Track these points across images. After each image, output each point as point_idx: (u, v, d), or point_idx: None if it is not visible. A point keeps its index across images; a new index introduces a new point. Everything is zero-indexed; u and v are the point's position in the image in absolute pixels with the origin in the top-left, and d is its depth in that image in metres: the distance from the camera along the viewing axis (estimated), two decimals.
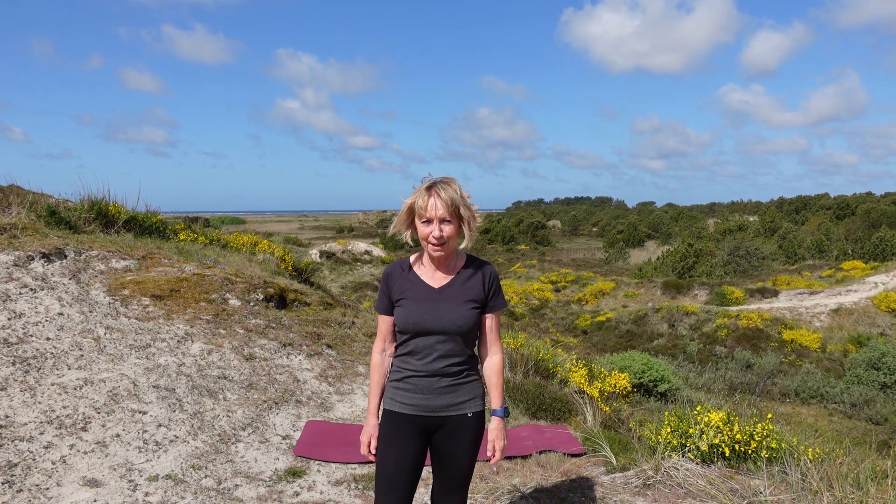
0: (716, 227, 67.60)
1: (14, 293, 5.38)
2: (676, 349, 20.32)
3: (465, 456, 2.36)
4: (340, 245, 40.17)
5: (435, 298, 2.30)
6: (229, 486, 3.60)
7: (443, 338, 2.28)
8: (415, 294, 2.31)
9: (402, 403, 2.33)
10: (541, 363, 6.51)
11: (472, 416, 2.36)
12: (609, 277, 35.43)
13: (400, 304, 2.32)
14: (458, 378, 2.33)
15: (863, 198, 77.82)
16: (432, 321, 2.26)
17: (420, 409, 2.31)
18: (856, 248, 44.31)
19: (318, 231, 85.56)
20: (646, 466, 3.91)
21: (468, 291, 2.33)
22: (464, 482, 2.41)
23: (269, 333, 5.94)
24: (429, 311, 2.28)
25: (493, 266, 2.45)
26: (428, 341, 2.28)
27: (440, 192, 2.21)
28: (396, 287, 2.34)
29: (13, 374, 4.31)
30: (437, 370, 2.30)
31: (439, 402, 2.31)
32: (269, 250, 9.96)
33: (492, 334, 2.40)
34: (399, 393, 2.34)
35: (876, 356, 16.46)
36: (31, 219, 7.16)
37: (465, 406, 2.35)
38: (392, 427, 2.33)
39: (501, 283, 2.49)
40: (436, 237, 2.22)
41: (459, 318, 2.28)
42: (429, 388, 2.30)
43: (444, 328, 2.27)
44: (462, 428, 2.34)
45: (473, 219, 2.27)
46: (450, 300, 2.30)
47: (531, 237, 75.13)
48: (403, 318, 2.29)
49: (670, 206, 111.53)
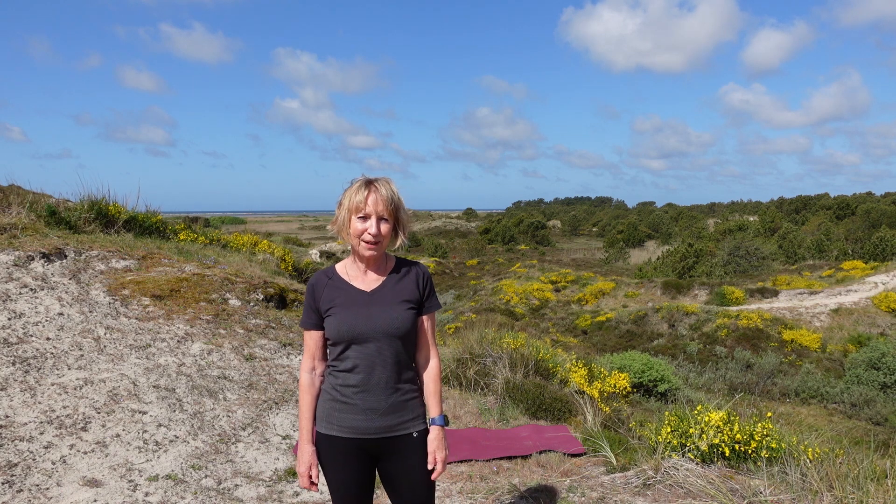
0: (716, 227, 67.61)
1: (14, 293, 5.38)
2: (676, 349, 20.32)
3: (420, 479, 2.20)
4: (340, 245, 40.16)
5: (367, 302, 2.15)
6: (229, 486, 3.60)
7: (380, 345, 2.12)
8: (345, 300, 2.15)
9: (340, 426, 2.14)
10: (541, 363, 6.51)
11: (419, 436, 2.20)
12: (609, 277, 35.43)
13: (330, 313, 2.15)
14: (401, 395, 2.18)
15: (863, 198, 77.84)
16: (367, 325, 2.11)
17: (360, 431, 2.14)
18: (856, 248, 44.30)
19: (318, 231, 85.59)
20: (646, 466, 3.91)
21: (402, 292, 2.19)
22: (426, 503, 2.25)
23: (269, 333, 5.94)
24: (362, 315, 2.12)
25: (426, 267, 2.33)
26: (365, 350, 2.12)
27: (380, 188, 2.10)
28: (324, 297, 2.17)
29: (13, 374, 4.31)
30: (378, 383, 2.13)
31: (382, 423, 2.15)
32: (269, 250, 9.96)
33: (429, 336, 2.26)
34: (336, 415, 2.15)
35: (876, 356, 16.46)
36: (31, 219, 7.16)
37: (409, 425, 2.19)
38: (331, 452, 2.17)
39: (502, 283, 2.42)
40: (372, 234, 2.08)
41: (396, 320, 2.13)
42: (370, 407, 2.13)
43: (381, 332, 2.11)
44: (409, 450, 2.18)
45: (408, 222, 2.20)
46: (383, 302, 2.15)
47: (531, 237, 75.14)
48: (336, 327, 2.12)
49: (670, 206, 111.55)
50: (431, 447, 2.21)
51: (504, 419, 5.24)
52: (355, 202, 2.09)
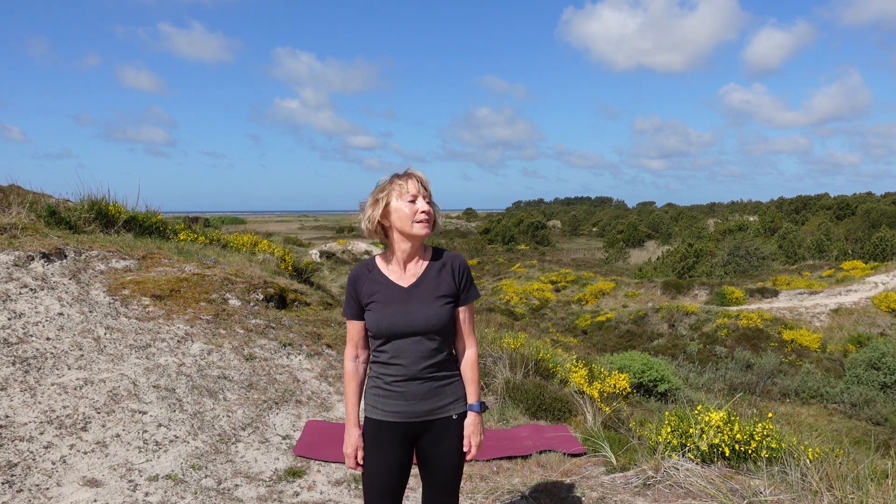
0: (716, 227, 67.60)
1: (14, 293, 5.38)
2: (676, 349, 20.31)
3: (453, 459, 2.31)
4: (340, 245, 40.18)
5: (405, 298, 2.23)
6: (229, 486, 3.60)
7: (419, 338, 2.21)
8: (384, 296, 2.23)
9: (385, 411, 2.26)
10: (541, 363, 6.51)
11: (458, 418, 2.31)
12: (609, 277, 35.42)
13: (370, 307, 2.24)
14: (441, 380, 2.27)
15: (863, 198, 77.83)
16: (405, 322, 2.19)
17: (404, 415, 2.25)
18: (856, 248, 44.29)
19: (318, 231, 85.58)
20: (646, 466, 3.91)
21: (439, 286, 2.26)
22: (453, 486, 2.35)
23: (269, 333, 5.94)
24: (400, 312, 2.20)
25: (460, 255, 2.39)
26: (405, 344, 2.21)
27: (415, 174, 2.24)
28: (364, 290, 2.26)
29: (13, 374, 4.31)
30: (418, 373, 2.23)
31: (423, 407, 2.25)
32: (269, 250, 9.96)
33: (466, 327, 2.34)
34: (380, 400, 2.27)
35: (876, 356, 16.46)
36: (31, 219, 7.16)
37: (450, 408, 2.30)
38: (376, 435, 2.28)
39: (501, 283, 2.48)
40: (424, 210, 2.19)
41: (433, 317, 2.21)
42: (412, 393, 2.24)
43: (419, 328, 2.20)
44: (448, 431, 2.29)
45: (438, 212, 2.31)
46: (421, 298, 2.23)
47: (531, 237, 75.13)
48: (375, 323, 2.22)
49: (670, 206, 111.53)
50: (467, 431, 2.32)
51: (504, 419, 5.24)
52: (399, 189, 2.21)
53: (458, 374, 2.36)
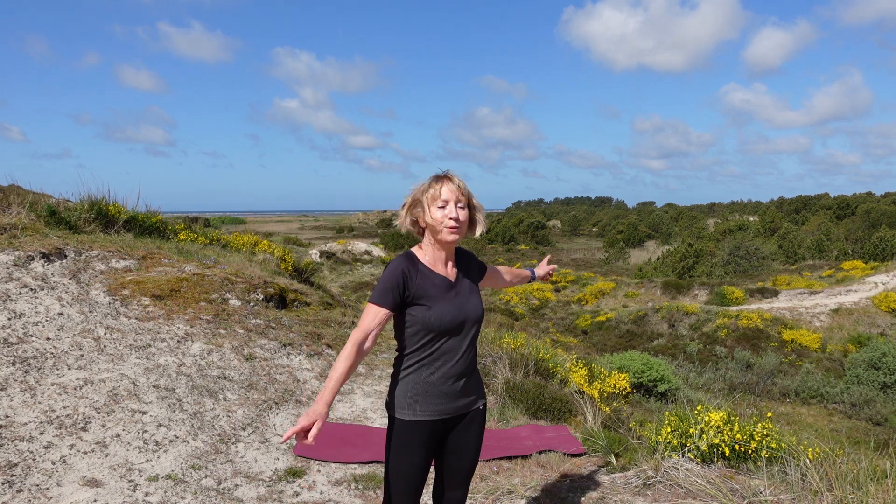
0: (716, 227, 67.58)
1: (14, 293, 5.38)
2: (676, 349, 20.31)
3: (474, 449, 2.40)
4: (340, 245, 40.17)
5: (456, 292, 2.28)
6: (229, 486, 3.60)
7: (468, 332, 2.28)
8: (436, 292, 2.22)
9: (423, 411, 2.24)
10: (541, 363, 6.51)
11: (482, 409, 2.41)
12: (609, 277, 35.42)
13: (422, 302, 2.19)
14: (474, 374, 2.37)
15: (863, 198, 77.81)
16: (462, 316, 2.24)
17: (441, 412, 2.28)
18: (856, 248, 44.28)
19: (318, 231, 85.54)
20: (646, 466, 3.91)
21: (473, 280, 2.39)
22: (469, 475, 2.43)
23: (269, 333, 5.94)
24: (455, 305, 2.24)
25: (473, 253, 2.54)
26: (456, 338, 2.25)
27: (452, 179, 2.24)
28: (416, 284, 2.19)
29: (13, 374, 4.31)
30: (462, 370, 2.28)
31: (461, 402, 2.33)
32: (269, 250, 9.96)
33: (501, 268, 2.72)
34: (419, 400, 2.24)
35: (876, 356, 16.45)
36: (31, 219, 7.16)
37: (478, 400, 2.39)
38: (409, 437, 2.25)
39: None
40: (453, 217, 2.20)
41: (479, 308, 2.30)
42: (454, 391, 2.28)
43: (472, 320, 2.27)
44: (472, 422, 2.37)
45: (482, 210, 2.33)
46: (465, 292, 2.30)
47: (531, 237, 75.11)
48: (437, 319, 2.18)
49: (670, 206, 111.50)
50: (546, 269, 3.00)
51: (504, 419, 5.24)
52: (432, 193, 2.22)
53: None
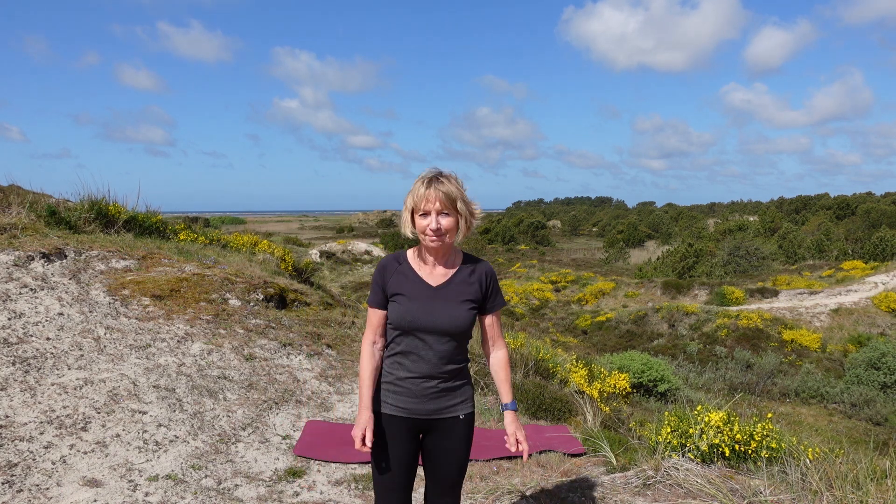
0: (716, 227, 67.59)
1: (14, 293, 5.38)
2: (676, 349, 20.31)
3: (458, 458, 2.35)
4: (340, 245, 40.17)
5: (432, 296, 2.27)
6: (229, 486, 3.60)
7: (437, 338, 2.25)
8: (411, 291, 2.27)
9: (394, 406, 2.30)
10: (541, 363, 6.51)
11: (464, 419, 2.34)
12: (609, 277, 35.42)
13: (395, 299, 2.28)
14: (450, 382, 2.31)
15: (863, 198, 77.83)
16: (427, 320, 2.23)
17: (411, 411, 2.29)
18: (856, 248, 44.29)
19: (318, 231, 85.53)
20: (646, 466, 3.91)
21: (466, 291, 2.30)
22: (456, 484, 2.39)
23: (269, 333, 5.94)
24: (425, 309, 2.24)
25: (489, 264, 2.42)
26: (422, 341, 2.25)
27: (437, 184, 2.21)
28: (392, 281, 2.30)
29: (13, 374, 4.31)
30: (429, 373, 2.26)
31: (430, 406, 2.29)
32: (269, 250, 9.96)
33: (495, 331, 2.40)
34: (390, 395, 2.31)
35: (876, 356, 16.46)
36: (31, 219, 7.16)
37: (457, 408, 2.33)
38: (384, 430, 2.31)
39: (501, 284, 2.49)
40: (432, 229, 2.20)
41: (457, 318, 2.25)
42: (421, 391, 2.27)
43: (440, 328, 2.24)
44: (453, 431, 2.33)
45: (472, 215, 2.27)
46: (446, 299, 2.27)
47: (531, 237, 75.12)
48: (399, 315, 2.25)
49: (670, 206, 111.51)
50: (511, 429, 2.36)
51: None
52: (415, 200, 2.22)
53: (469, 381, 2.40)
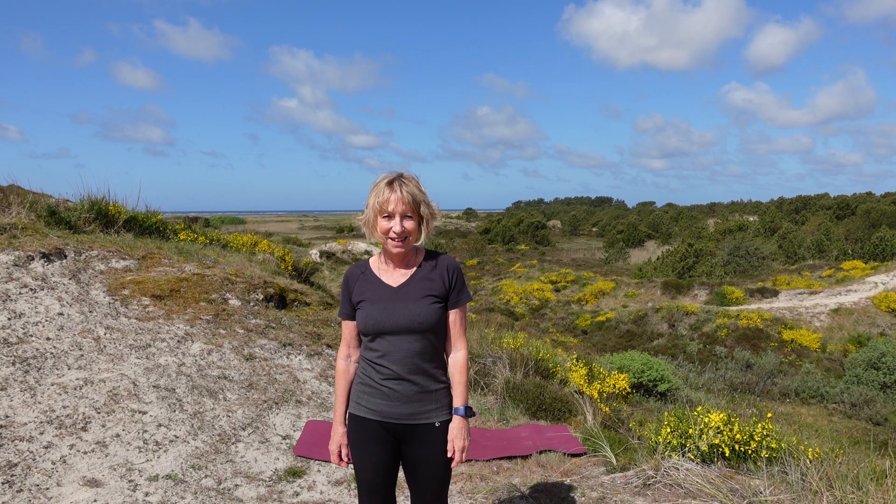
0: (716, 226, 67.59)
1: (14, 293, 5.38)
2: (676, 349, 20.31)
3: (437, 467, 2.30)
4: (340, 245, 40.17)
5: (393, 297, 2.25)
6: (229, 485, 3.60)
7: (402, 338, 2.22)
8: (373, 294, 2.27)
9: (367, 408, 2.28)
10: (541, 363, 6.51)
11: (440, 426, 2.28)
12: (609, 277, 35.41)
13: (360, 306, 2.28)
14: (428, 386, 2.26)
15: (863, 197, 77.82)
16: (390, 320, 2.21)
17: (384, 414, 2.26)
18: (856, 248, 44.30)
19: (318, 231, 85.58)
20: (646, 466, 3.91)
21: (428, 287, 2.26)
22: (440, 492, 2.33)
23: (269, 333, 5.94)
24: (387, 310, 2.23)
25: (453, 258, 2.38)
26: (391, 342, 2.23)
27: (401, 187, 2.18)
28: (356, 289, 2.31)
29: (13, 374, 4.31)
30: (400, 374, 2.23)
31: (405, 410, 2.25)
32: (269, 250, 9.96)
33: (456, 329, 2.32)
34: (364, 398, 2.29)
35: (876, 356, 16.45)
36: (31, 219, 7.16)
37: (432, 415, 2.27)
38: (360, 432, 2.30)
39: (502, 283, 2.48)
40: (396, 232, 2.18)
41: (419, 315, 2.21)
42: (394, 394, 2.24)
43: (404, 327, 2.21)
44: (430, 438, 2.27)
45: (433, 217, 2.27)
46: (408, 298, 2.24)
47: (531, 237, 75.11)
48: (363, 320, 2.25)
49: (670, 206, 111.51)
50: (451, 436, 2.28)
51: (504, 419, 5.24)
52: (379, 202, 2.20)
53: (447, 386, 2.33)
